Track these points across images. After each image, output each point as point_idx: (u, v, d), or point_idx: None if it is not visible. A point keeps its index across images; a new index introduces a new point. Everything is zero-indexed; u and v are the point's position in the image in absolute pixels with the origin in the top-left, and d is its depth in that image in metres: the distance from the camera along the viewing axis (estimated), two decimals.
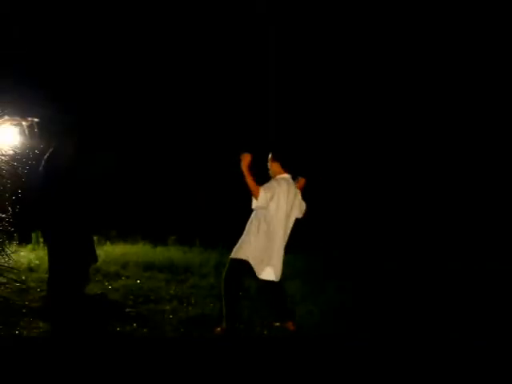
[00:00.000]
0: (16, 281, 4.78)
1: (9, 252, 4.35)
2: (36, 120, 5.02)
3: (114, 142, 10.77)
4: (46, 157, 5.16)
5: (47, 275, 5.34)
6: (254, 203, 4.70)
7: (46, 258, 5.49)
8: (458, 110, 12.89)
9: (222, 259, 7.18)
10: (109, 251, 7.86)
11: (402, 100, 13.13)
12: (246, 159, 4.65)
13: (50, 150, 5.21)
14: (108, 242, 8.59)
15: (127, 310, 5.35)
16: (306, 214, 5.06)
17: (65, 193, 5.09)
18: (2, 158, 4.31)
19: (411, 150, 12.82)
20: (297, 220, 4.96)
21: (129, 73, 12.81)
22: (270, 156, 4.93)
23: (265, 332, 4.78)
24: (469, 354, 4.34)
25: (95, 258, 5.48)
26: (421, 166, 12.61)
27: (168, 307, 5.44)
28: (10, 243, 4.48)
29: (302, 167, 5.10)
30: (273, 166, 4.90)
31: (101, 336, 4.59)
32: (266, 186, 4.74)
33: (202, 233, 9.13)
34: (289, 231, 4.87)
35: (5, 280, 4.45)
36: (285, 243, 4.83)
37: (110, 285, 6.25)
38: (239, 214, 5.41)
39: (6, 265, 4.30)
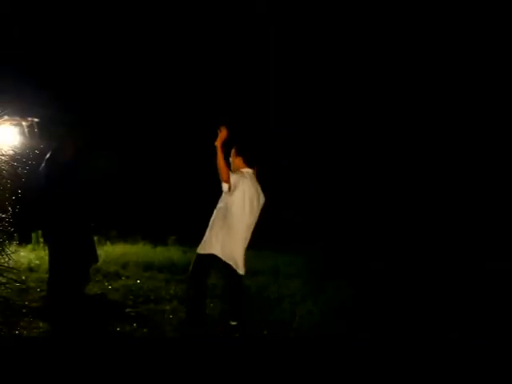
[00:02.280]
0: (16, 281, 4.78)
1: (9, 252, 4.35)
2: (36, 120, 5.02)
3: (115, 142, 10.77)
4: (46, 157, 5.16)
5: (47, 275, 5.35)
6: (226, 186, 4.71)
7: (46, 258, 5.50)
8: (458, 110, 12.89)
9: None
10: (109, 251, 7.86)
11: (401, 99, 13.13)
12: (222, 134, 4.67)
13: (51, 150, 5.21)
14: (108, 242, 8.58)
15: (127, 310, 5.35)
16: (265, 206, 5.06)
17: (65, 193, 5.09)
18: (2, 158, 4.31)
19: (410, 149, 12.82)
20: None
21: (129, 72, 12.81)
22: (232, 150, 4.94)
23: (265, 332, 4.78)
24: (469, 354, 4.33)
25: (96, 258, 5.49)
26: (420, 165, 12.61)
27: (168, 307, 5.44)
28: (9, 243, 4.48)
29: (265, 162, 5.13)
30: (235, 161, 4.92)
31: (101, 336, 4.59)
32: (233, 173, 4.77)
33: (201, 233, 9.12)
34: (253, 227, 4.87)
35: (5, 280, 4.45)
36: (248, 238, 4.84)
37: (110, 285, 6.25)
38: None
39: (5, 265, 4.30)
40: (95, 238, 5.91)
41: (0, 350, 4.08)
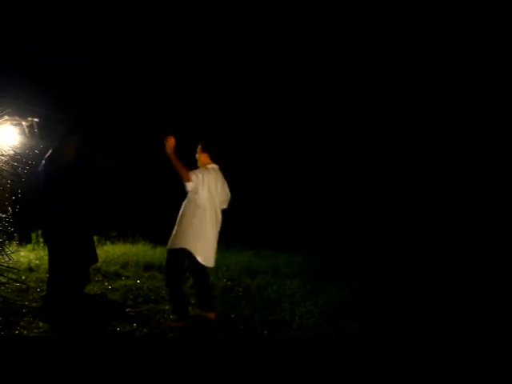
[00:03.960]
0: (16, 281, 4.78)
1: (9, 252, 4.35)
2: (36, 120, 5.02)
3: (115, 142, 10.76)
4: (46, 156, 5.16)
5: (47, 275, 5.35)
6: (189, 185, 4.89)
7: (46, 258, 5.50)
8: (456, 108, 12.89)
9: (221, 259, 7.18)
10: (109, 251, 7.87)
11: (400, 98, 13.14)
12: (170, 142, 4.86)
13: (51, 149, 5.21)
14: (108, 242, 8.59)
15: (127, 310, 5.35)
16: (230, 204, 5.26)
17: (65, 193, 5.09)
18: (2, 158, 4.31)
19: (409, 148, 12.83)
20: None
21: (129, 73, 12.81)
22: (198, 147, 5.10)
23: (265, 332, 4.78)
24: (468, 353, 4.33)
25: (96, 258, 5.49)
26: (419, 164, 12.61)
27: (168, 307, 5.43)
28: (9, 243, 4.48)
29: (231, 159, 5.26)
30: (201, 157, 5.11)
31: (101, 336, 4.59)
32: (195, 171, 4.96)
33: None
34: (219, 222, 5.06)
35: (5, 280, 4.45)
36: (217, 232, 5.02)
37: (110, 285, 6.25)
38: (237, 214, 5.41)
39: (5, 265, 4.30)
40: (95, 238, 5.92)
41: (0, 350, 4.09)
